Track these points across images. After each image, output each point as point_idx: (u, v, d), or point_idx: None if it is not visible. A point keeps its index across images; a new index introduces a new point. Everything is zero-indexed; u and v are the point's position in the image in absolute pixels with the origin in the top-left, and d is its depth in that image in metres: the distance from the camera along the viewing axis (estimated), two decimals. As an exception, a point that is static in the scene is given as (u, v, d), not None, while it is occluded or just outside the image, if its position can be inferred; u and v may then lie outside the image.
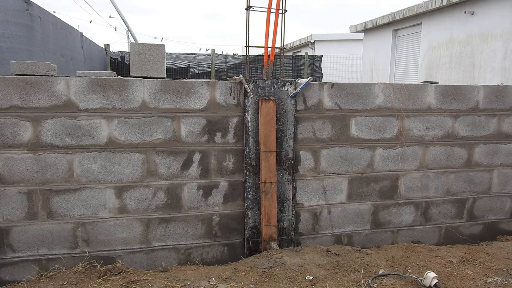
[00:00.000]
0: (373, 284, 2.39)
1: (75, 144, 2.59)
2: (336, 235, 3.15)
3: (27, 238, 2.59)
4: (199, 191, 2.85)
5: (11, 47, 5.52)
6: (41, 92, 2.51)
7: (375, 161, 3.14)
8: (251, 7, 3.07)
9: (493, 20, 8.92)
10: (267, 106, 2.83)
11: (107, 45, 13.35)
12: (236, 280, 2.42)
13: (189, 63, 14.10)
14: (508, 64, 7.74)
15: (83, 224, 2.66)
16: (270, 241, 2.91)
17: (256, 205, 2.92)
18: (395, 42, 12.63)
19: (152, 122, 2.71)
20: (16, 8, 5.77)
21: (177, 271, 2.62)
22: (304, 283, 2.40)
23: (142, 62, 2.69)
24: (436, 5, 10.24)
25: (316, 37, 18.14)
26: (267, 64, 3.21)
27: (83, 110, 2.59)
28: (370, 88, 3.09)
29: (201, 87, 2.77)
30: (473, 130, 3.31)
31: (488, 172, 3.39)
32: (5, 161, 2.50)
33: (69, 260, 2.65)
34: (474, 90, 3.28)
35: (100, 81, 2.60)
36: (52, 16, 7.56)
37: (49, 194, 2.59)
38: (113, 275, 2.46)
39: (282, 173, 2.95)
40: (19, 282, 2.54)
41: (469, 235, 3.41)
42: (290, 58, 15.58)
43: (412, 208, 3.27)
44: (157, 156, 2.74)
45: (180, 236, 2.85)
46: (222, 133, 2.84)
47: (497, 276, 2.55)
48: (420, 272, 2.53)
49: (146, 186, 2.75)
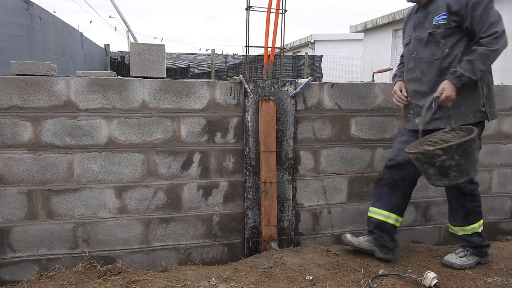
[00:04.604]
0: (373, 284, 2.39)
1: (75, 144, 2.60)
2: (336, 235, 3.15)
3: (27, 238, 2.59)
4: (199, 191, 2.85)
5: (11, 47, 5.52)
6: (41, 92, 2.51)
7: (375, 161, 3.14)
8: (251, 7, 3.07)
9: (493, 20, 8.90)
10: (267, 106, 2.83)
11: (107, 45, 13.35)
12: (236, 280, 2.42)
13: (189, 63, 14.09)
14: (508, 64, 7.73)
15: (83, 224, 2.66)
16: (270, 241, 2.91)
17: (256, 205, 2.92)
18: (395, 42, 12.61)
19: (152, 122, 2.71)
20: (16, 8, 5.77)
21: (177, 271, 2.62)
22: (304, 283, 2.40)
23: (142, 62, 2.69)
24: (436, 5, 10.21)
25: (316, 37, 18.14)
26: (267, 64, 3.21)
27: (83, 110, 2.59)
28: (370, 88, 3.09)
29: (201, 87, 2.77)
30: (473, 130, 3.30)
31: (488, 172, 3.39)
32: (5, 161, 2.50)
33: (69, 260, 2.65)
34: (474, 90, 3.27)
35: (100, 81, 2.60)
36: (52, 16, 7.56)
37: (49, 194, 2.59)
38: (113, 275, 2.46)
39: (282, 173, 2.95)
40: (19, 282, 2.54)
41: (469, 235, 3.41)
42: (290, 58, 15.59)
43: (412, 208, 3.27)
44: (157, 156, 2.74)
45: (180, 236, 2.85)
46: (222, 133, 2.84)
47: (497, 276, 2.55)
48: (420, 272, 2.53)
49: (146, 186, 2.75)
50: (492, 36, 2.28)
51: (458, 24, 2.38)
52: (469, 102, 2.45)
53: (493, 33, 2.27)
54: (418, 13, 2.59)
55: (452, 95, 2.37)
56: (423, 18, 2.53)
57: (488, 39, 2.29)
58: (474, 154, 2.28)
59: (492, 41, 2.28)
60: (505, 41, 2.30)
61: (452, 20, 2.39)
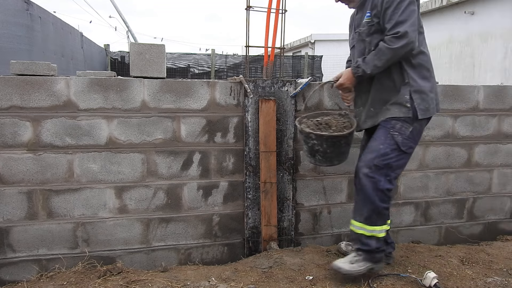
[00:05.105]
0: (373, 284, 2.39)
1: (75, 144, 2.60)
2: (336, 235, 3.15)
3: (27, 238, 2.59)
4: (199, 191, 2.85)
5: (11, 47, 5.52)
6: (41, 92, 2.51)
7: (375, 161, 3.13)
8: (251, 7, 3.07)
9: (493, 20, 8.92)
10: (267, 106, 2.83)
11: (107, 45, 13.36)
12: (236, 280, 2.42)
13: (189, 63, 14.10)
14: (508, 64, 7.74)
15: (83, 224, 2.66)
16: (270, 241, 2.91)
17: (256, 205, 2.92)
18: (395, 42, 12.57)
19: (152, 122, 2.71)
20: (16, 8, 5.77)
21: (177, 271, 2.62)
22: (304, 283, 2.40)
23: (142, 62, 2.69)
24: (436, 5, 10.24)
25: (316, 37, 18.14)
26: (267, 64, 3.21)
27: (83, 110, 2.59)
28: (370, 88, 3.09)
29: (201, 87, 2.77)
30: (473, 130, 3.31)
31: (488, 172, 3.39)
32: (5, 161, 2.50)
33: (69, 260, 2.65)
34: (474, 90, 3.28)
35: (100, 81, 2.60)
36: (52, 16, 7.56)
37: (49, 194, 2.59)
38: (113, 275, 2.46)
39: (282, 173, 2.95)
40: (19, 282, 2.54)
41: (469, 235, 3.41)
42: (290, 58, 15.58)
43: (412, 208, 3.27)
44: (157, 156, 2.74)
45: (180, 236, 2.85)
46: (222, 133, 2.84)
47: (497, 276, 2.55)
48: (420, 272, 2.53)
49: (146, 186, 2.75)
50: (393, 35, 2.21)
51: (378, 21, 2.34)
52: (388, 97, 2.40)
53: (395, 32, 2.20)
54: (357, 15, 2.56)
55: (346, 83, 2.42)
56: (360, 20, 2.50)
57: (389, 37, 2.23)
58: (341, 148, 2.50)
59: (392, 39, 2.22)
60: (405, 43, 2.20)
61: (374, 18, 2.35)
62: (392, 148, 2.34)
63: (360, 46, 2.48)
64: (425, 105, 2.36)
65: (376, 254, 2.41)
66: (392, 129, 2.36)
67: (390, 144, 2.35)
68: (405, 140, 2.35)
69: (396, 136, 2.35)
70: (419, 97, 2.35)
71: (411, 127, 2.36)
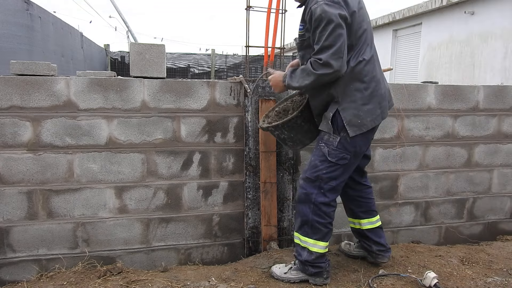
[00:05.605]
0: (373, 284, 2.39)
1: (75, 144, 2.60)
2: (336, 235, 3.15)
3: (27, 238, 2.59)
4: (199, 191, 2.85)
5: (11, 47, 5.52)
6: (41, 92, 2.51)
7: (375, 161, 3.14)
8: (251, 7, 3.07)
9: (493, 20, 8.92)
10: (267, 106, 2.83)
11: (107, 45, 13.37)
12: (236, 280, 2.42)
13: (189, 63, 14.12)
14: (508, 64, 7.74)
15: (83, 224, 2.66)
16: (270, 241, 2.91)
17: (256, 205, 2.92)
18: (395, 42, 12.63)
19: (152, 122, 2.71)
20: (16, 8, 5.77)
21: (177, 271, 2.62)
22: (304, 283, 2.40)
23: (142, 62, 2.69)
24: (436, 5, 10.24)
25: (316, 37, 18.08)
26: (267, 64, 3.21)
27: (83, 110, 2.59)
28: (370, 88, 3.08)
29: (201, 87, 2.77)
30: (473, 130, 3.31)
31: (488, 172, 3.40)
32: (5, 161, 2.50)
33: (69, 260, 2.65)
34: (474, 90, 3.28)
35: (100, 81, 2.60)
36: (52, 16, 7.56)
37: (49, 194, 2.59)
38: (113, 275, 2.47)
39: (282, 173, 2.95)
40: (19, 282, 2.54)
41: (469, 235, 3.41)
42: (290, 58, 15.58)
43: (412, 208, 3.27)
44: (157, 156, 2.74)
45: (180, 236, 2.85)
46: (222, 133, 2.84)
47: (497, 276, 2.55)
48: (420, 272, 2.53)
49: (146, 186, 2.75)
50: (317, 60, 2.07)
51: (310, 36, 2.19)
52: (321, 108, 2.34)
53: (319, 58, 2.06)
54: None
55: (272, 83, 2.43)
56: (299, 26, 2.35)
57: (314, 60, 2.09)
58: (303, 127, 2.46)
59: (316, 63, 2.08)
60: (328, 72, 2.06)
61: (306, 32, 2.21)
62: (320, 159, 2.27)
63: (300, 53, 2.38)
64: (357, 120, 2.20)
65: (310, 267, 2.33)
66: (321, 140, 2.30)
67: (319, 155, 2.28)
68: (333, 151, 2.24)
69: (323, 148, 2.27)
70: (350, 114, 2.20)
71: (338, 137, 2.23)
